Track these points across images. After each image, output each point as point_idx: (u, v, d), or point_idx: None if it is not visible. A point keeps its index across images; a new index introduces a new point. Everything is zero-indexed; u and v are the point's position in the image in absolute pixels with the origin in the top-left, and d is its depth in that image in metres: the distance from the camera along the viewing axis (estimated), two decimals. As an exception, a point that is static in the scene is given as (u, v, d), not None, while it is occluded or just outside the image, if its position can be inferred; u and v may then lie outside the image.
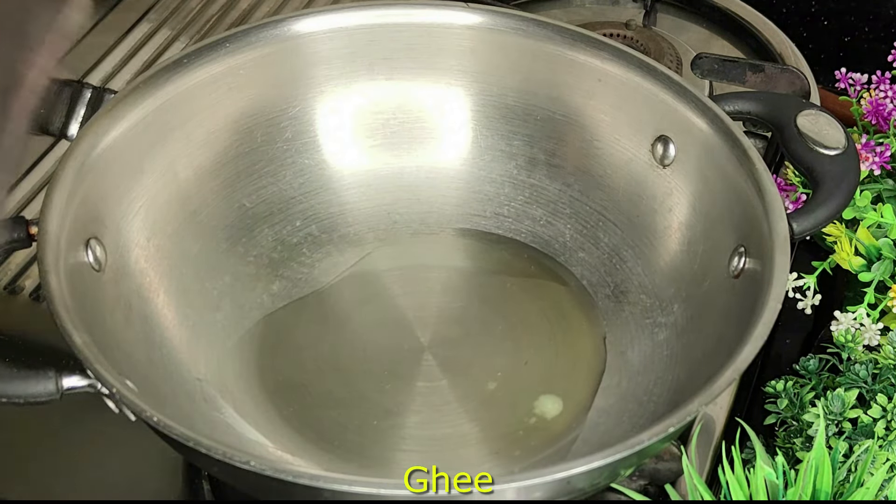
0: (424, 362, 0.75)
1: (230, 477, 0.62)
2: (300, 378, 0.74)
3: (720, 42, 1.00)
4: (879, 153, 0.79)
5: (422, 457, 0.70)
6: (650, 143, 0.77)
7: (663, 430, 0.58)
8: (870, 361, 0.72)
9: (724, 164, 0.72)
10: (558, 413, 0.73)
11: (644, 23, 1.01)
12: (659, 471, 0.69)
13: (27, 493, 0.71)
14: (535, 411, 0.73)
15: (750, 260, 0.69)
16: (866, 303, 0.76)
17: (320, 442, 0.70)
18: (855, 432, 0.68)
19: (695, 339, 0.72)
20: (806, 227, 0.69)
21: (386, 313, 0.78)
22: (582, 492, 0.62)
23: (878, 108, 0.83)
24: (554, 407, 0.73)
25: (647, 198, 0.77)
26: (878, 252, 0.78)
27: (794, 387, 0.72)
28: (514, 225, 0.82)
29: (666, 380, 0.72)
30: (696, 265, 0.74)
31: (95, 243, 0.68)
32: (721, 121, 0.73)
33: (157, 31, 0.99)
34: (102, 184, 0.70)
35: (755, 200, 0.69)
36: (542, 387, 0.74)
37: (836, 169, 0.71)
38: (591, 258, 0.80)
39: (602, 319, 0.77)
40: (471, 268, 0.81)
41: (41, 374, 0.61)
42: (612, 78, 0.77)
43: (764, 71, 0.94)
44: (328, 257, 0.80)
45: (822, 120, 0.73)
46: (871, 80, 0.85)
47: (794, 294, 0.78)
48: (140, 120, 0.72)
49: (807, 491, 0.60)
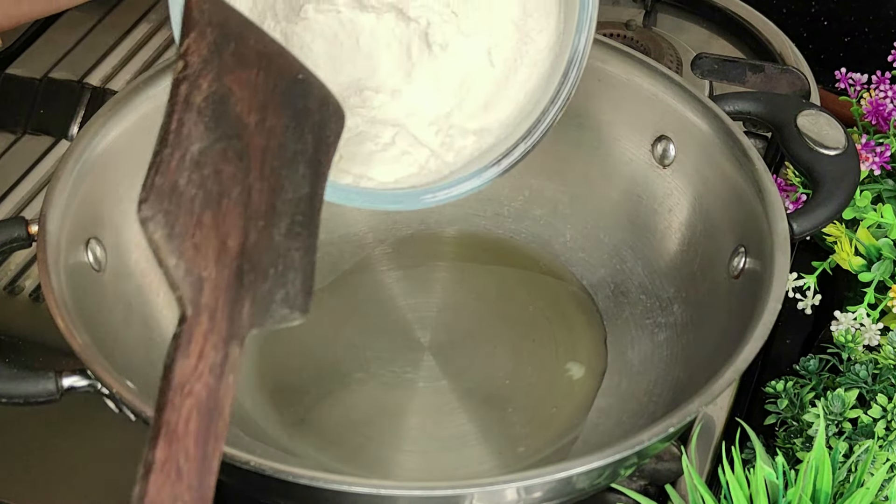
0: (424, 362, 0.75)
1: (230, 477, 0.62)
2: (300, 378, 0.74)
3: (720, 42, 1.00)
4: (879, 153, 0.79)
5: (422, 457, 0.70)
6: (650, 143, 0.77)
7: (663, 430, 0.58)
8: (870, 361, 0.72)
9: (724, 164, 0.72)
10: (559, 413, 0.73)
11: (644, 23, 1.01)
12: (659, 471, 0.69)
13: (27, 494, 0.70)
14: (536, 411, 0.73)
15: (750, 260, 0.69)
16: (866, 303, 0.76)
17: (320, 442, 0.70)
18: (855, 432, 0.68)
19: (695, 339, 0.72)
20: (806, 227, 0.69)
21: (386, 313, 0.78)
22: (582, 492, 0.62)
23: (878, 108, 0.83)
24: (555, 407, 0.73)
25: (647, 198, 0.77)
26: (878, 252, 0.78)
27: (794, 387, 0.72)
28: (514, 225, 0.82)
29: (666, 380, 0.72)
30: (696, 265, 0.74)
31: (95, 243, 0.68)
32: (721, 121, 0.73)
33: (157, 31, 0.99)
34: (102, 184, 0.70)
35: (755, 200, 0.69)
36: (543, 387, 0.74)
37: (836, 169, 0.71)
38: (591, 258, 0.80)
39: (602, 319, 0.77)
40: (471, 268, 0.81)
41: (41, 374, 0.61)
42: (612, 78, 0.77)
43: (764, 71, 0.94)
44: (328, 257, 0.80)
45: (822, 120, 0.73)
46: (871, 80, 0.85)
47: (794, 294, 0.78)
48: (140, 120, 0.72)
49: (807, 491, 0.60)
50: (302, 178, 0.53)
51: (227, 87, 0.51)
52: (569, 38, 0.65)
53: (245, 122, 0.52)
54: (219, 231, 0.49)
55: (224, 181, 0.50)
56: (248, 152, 0.51)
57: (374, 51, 0.65)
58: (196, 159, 0.49)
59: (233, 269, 0.48)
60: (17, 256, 0.82)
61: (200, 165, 0.49)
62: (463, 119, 0.67)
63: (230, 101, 0.51)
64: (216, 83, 0.51)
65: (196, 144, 0.49)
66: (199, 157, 0.49)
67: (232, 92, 0.52)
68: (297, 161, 0.53)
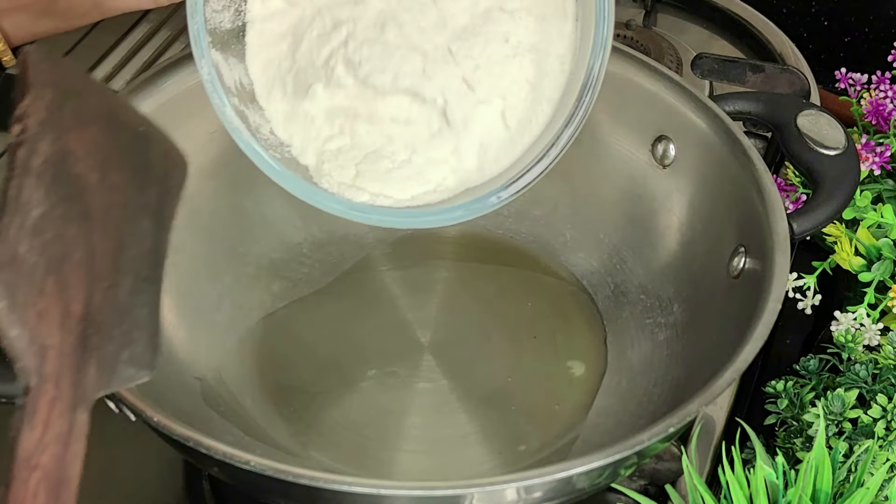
0: (424, 362, 0.75)
1: (230, 477, 0.62)
2: (300, 378, 0.74)
3: (720, 42, 1.00)
4: (879, 153, 0.79)
5: (422, 457, 0.70)
6: (650, 143, 0.77)
7: (663, 430, 0.58)
8: (870, 361, 0.72)
9: (724, 164, 0.72)
10: (559, 412, 0.73)
11: (644, 23, 1.01)
12: (659, 471, 0.69)
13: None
14: (536, 411, 0.73)
15: (750, 260, 0.69)
16: (866, 303, 0.76)
17: (320, 441, 0.70)
18: (855, 432, 0.68)
19: (695, 339, 0.72)
20: (806, 227, 0.69)
21: (386, 313, 0.78)
22: (582, 492, 0.62)
23: (878, 108, 0.83)
24: (555, 407, 0.73)
25: (647, 198, 0.77)
26: (878, 252, 0.78)
27: (794, 387, 0.72)
28: (514, 225, 0.82)
29: (666, 380, 0.72)
30: (696, 265, 0.74)
31: (95, 243, 0.68)
32: (721, 121, 0.73)
33: (157, 31, 0.99)
34: (102, 184, 0.70)
35: (755, 200, 0.69)
36: (543, 387, 0.74)
37: (836, 169, 0.71)
38: (591, 258, 0.80)
39: (602, 319, 0.77)
40: (471, 268, 0.81)
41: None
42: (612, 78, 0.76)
43: (764, 71, 0.94)
44: (328, 257, 0.80)
45: (822, 120, 0.73)
46: (871, 80, 0.85)
47: (794, 294, 0.78)
48: (140, 120, 0.72)
49: (807, 491, 0.60)
50: (146, 233, 0.53)
51: (66, 147, 0.50)
52: (583, 63, 0.64)
53: (86, 182, 0.51)
54: (62, 296, 0.48)
55: (66, 244, 0.49)
56: (90, 212, 0.50)
57: (388, 128, 0.65)
58: (37, 225, 0.48)
59: (77, 334, 0.48)
60: (17, 256, 0.82)
61: (41, 231, 0.48)
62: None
63: (70, 162, 0.50)
64: (55, 144, 0.50)
65: (36, 210, 0.48)
66: (40, 223, 0.48)
67: (72, 152, 0.50)
68: (140, 216, 0.53)
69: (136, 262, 0.52)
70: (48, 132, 0.50)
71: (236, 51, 0.65)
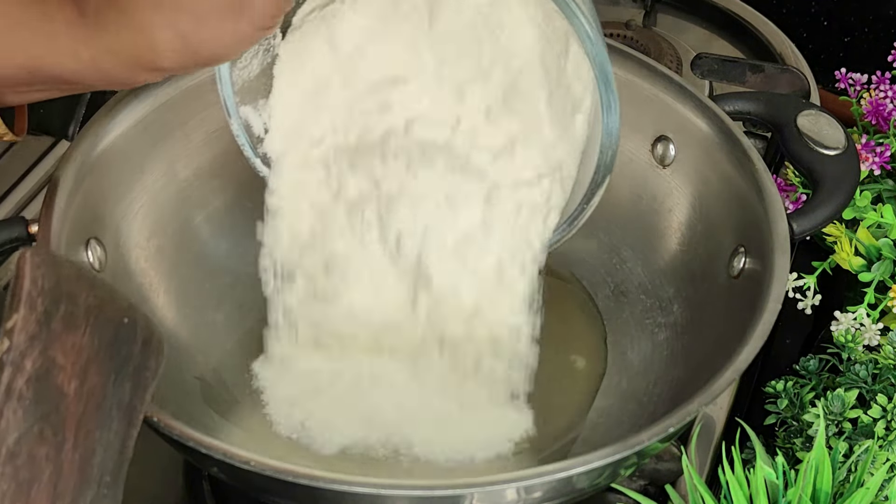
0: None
1: (230, 477, 0.62)
2: (300, 378, 0.74)
3: (720, 42, 1.00)
4: (879, 153, 0.79)
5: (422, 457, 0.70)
6: (650, 143, 0.77)
7: (663, 430, 0.58)
8: (870, 361, 0.72)
9: (724, 164, 0.72)
10: (559, 412, 0.72)
11: (644, 23, 1.01)
12: (659, 471, 0.69)
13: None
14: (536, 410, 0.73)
15: (750, 260, 0.69)
16: (866, 303, 0.76)
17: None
18: (855, 432, 0.68)
19: (695, 339, 0.72)
20: (806, 227, 0.69)
21: (386, 313, 0.78)
22: (582, 492, 0.62)
23: (878, 108, 0.83)
24: (555, 407, 0.73)
25: (647, 198, 0.77)
26: (878, 252, 0.78)
27: (794, 387, 0.72)
28: (514, 225, 0.82)
29: (666, 380, 0.72)
30: (696, 265, 0.74)
31: (95, 243, 0.68)
32: (721, 121, 0.73)
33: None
34: (102, 184, 0.70)
35: (755, 200, 0.69)
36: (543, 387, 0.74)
37: (836, 169, 0.71)
38: (591, 258, 0.80)
39: (602, 319, 0.77)
40: (471, 268, 0.81)
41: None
42: (611, 78, 0.77)
43: (764, 71, 0.94)
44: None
45: (822, 120, 0.73)
46: (871, 80, 0.85)
47: (794, 294, 0.78)
48: (140, 120, 0.72)
49: (807, 491, 0.60)
50: (115, 434, 0.52)
51: (51, 359, 0.50)
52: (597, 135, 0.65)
53: (65, 392, 0.50)
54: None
55: (37, 465, 0.49)
56: (63, 424, 0.50)
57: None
58: (11, 451, 0.48)
59: None
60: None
61: (15, 456, 0.48)
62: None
63: (52, 374, 0.50)
64: (41, 358, 0.49)
65: (13, 435, 0.48)
66: (15, 448, 0.48)
67: (55, 363, 0.50)
68: (112, 415, 0.52)
69: (101, 467, 0.52)
70: (36, 346, 0.49)
71: (266, 90, 0.67)
